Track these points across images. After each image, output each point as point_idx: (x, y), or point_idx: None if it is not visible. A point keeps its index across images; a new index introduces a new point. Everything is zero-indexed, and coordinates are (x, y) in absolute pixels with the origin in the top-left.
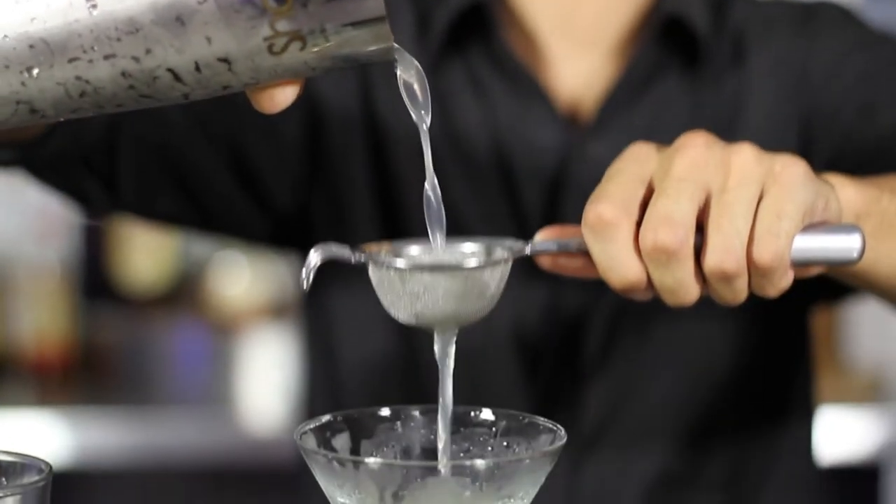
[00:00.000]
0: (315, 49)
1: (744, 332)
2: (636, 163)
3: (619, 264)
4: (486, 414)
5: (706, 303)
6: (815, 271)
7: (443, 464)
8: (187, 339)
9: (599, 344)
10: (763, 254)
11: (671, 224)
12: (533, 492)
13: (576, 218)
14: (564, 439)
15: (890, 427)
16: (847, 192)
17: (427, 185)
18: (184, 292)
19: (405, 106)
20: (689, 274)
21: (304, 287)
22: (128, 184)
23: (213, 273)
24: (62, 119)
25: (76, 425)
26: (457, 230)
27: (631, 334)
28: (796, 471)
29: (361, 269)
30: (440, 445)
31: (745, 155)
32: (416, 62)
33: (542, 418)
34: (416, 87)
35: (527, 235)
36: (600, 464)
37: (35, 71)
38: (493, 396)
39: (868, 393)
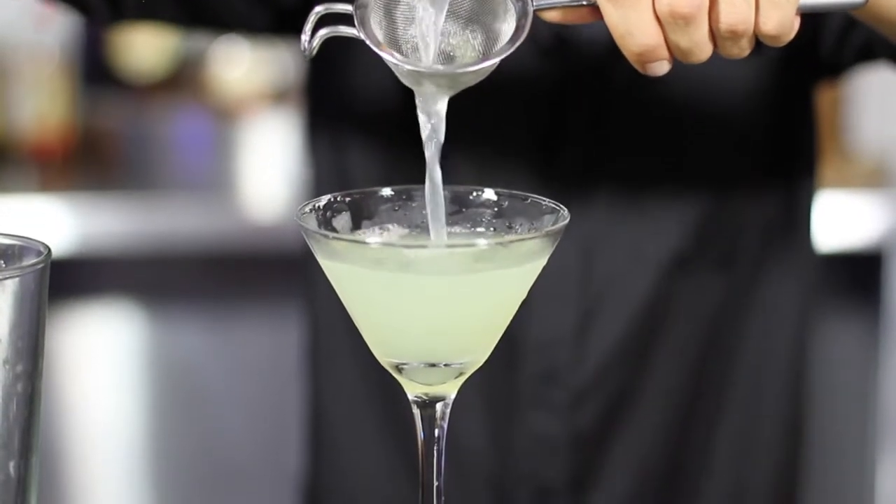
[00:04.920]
0: None
1: (752, 109)
2: None
3: (638, 31)
4: (489, 194)
5: (717, 64)
6: None
7: (443, 239)
8: (188, 124)
9: (616, 125)
10: (767, 23)
11: None
12: (534, 274)
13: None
14: (567, 219)
15: (894, 213)
16: None
17: None
18: (185, 77)
19: None
20: (704, 35)
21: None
22: None
23: (214, 58)
24: None
25: (77, 211)
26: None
27: (645, 111)
28: (796, 253)
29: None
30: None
31: None
32: None
33: (545, 198)
34: None
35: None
36: (613, 249)
37: None
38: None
39: (872, 178)
